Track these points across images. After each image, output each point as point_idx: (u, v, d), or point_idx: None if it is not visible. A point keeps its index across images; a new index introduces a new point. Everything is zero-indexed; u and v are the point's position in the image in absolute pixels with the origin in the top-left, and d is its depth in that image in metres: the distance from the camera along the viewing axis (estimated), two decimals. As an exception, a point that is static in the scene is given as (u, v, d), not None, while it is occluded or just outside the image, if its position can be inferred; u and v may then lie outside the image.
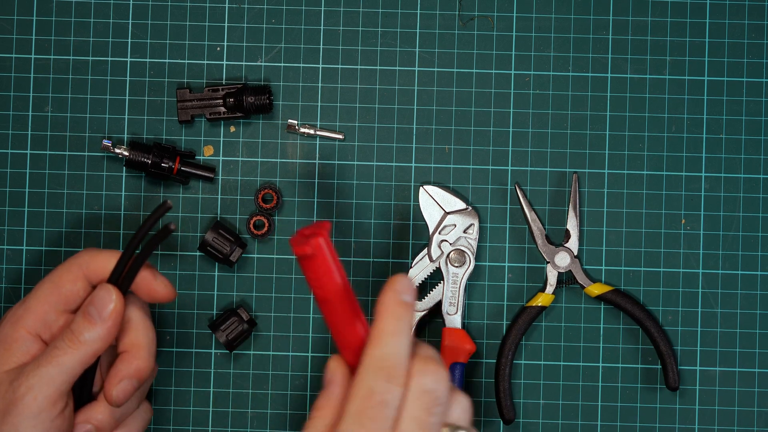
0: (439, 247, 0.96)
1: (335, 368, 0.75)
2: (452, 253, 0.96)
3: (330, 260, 0.74)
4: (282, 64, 0.99)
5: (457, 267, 0.96)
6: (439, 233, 0.96)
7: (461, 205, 0.97)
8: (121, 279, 0.83)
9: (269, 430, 0.98)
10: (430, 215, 0.96)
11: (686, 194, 0.98)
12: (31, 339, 0.83)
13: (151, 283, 0.84)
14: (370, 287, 0.98)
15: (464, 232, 0.96)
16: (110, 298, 0.82)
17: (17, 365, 0.82)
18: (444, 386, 0.73)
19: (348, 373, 0.74)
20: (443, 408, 0.73)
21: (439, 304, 0.96)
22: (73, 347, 0.81)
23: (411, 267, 0.96)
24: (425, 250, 0.96)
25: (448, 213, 0.96)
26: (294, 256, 0.98)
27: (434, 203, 0.96)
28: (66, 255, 0.98)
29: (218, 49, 0.99)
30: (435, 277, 0.97)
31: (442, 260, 0.96)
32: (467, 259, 0.96)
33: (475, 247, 0.96)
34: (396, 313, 0.74)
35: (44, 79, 0.98)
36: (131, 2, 0.99)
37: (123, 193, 0.98)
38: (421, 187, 0.96)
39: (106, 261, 0.84)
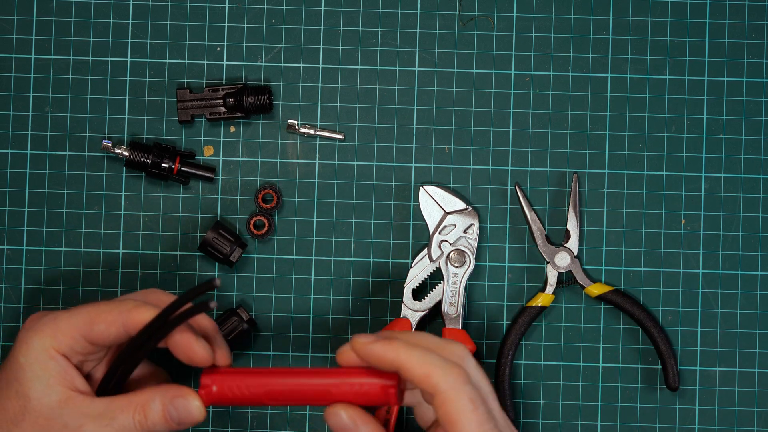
0: (439, 247, 0.96)
1: (353, 416, 0.78)
2: (452, 253, 0.96)
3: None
4: (282, 64, 0.99)
5: (457, 267, 0.96)
6: (439, 233, 0.96)
7: (461, 205, 0.97)
8: (152, 336, 0.80)
9: (269, 430, 0.97)
10: (430, 215, 0.96)
11: (686, 194, 0.98)
12: (61, 359, 0.81)
13: (192, 344, 0.81)
14: (370, 287, 0.98)
15: (464, 232, 0.96)
16: (197, 414, 0.80)
17: (59, 390, 0.80)
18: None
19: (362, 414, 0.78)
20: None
21: (438, 304, 0.96)
22: (139, 429, 0.80)
23: (411, 267, 0.96)
24: (425, 250, 0.96)
25: (448, 213, 0.96)
26: (294, 256, 0.98)
27: (434, 203, 0.96)
28: (66, 255, 0.98)
29: (218, 49, 0.99)
30: (435, 277, 0.97)
31: (442, 260, 0.96)
32: (467, 259, 0.96)
33: (475, 247, 0.96)
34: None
35: (44, 79, 0.98)
36: (131, 2, 0.99)
37: (123, 193, 0.98)
38: (421, 187, 0.96)
39: (147, 315, 0.80)
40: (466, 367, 0.76)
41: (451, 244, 0.96)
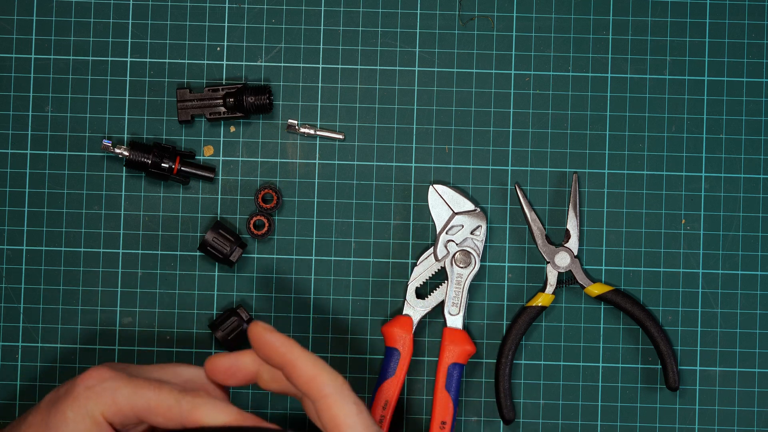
0: (445, 247, 0.96)
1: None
2: (458, 253, 0.96)
3: None
4: (282, 64, 0.99)
5: (462, 268, 0.96)
6: (446, 233, 0.96)
7: (470, 206, 0.96)
8: None
9: (269, 430, 0.97)
10: (438, 214, 0.96)
11: (686, 194, 0.98)
12: (107, 428, 0.78)
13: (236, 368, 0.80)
14: (370, 287, 0.98)
15: (471, 233, 0.96)
16: None
17: None
18: None
19: None
20: None
21: (440, 303, 0.96)
22: None
23: (416, 265, 0.96)
24: (431, 249, 0.96)
25: (457, 213, 0.96)
26: (294, 257, 0.98)
27: (443, 202, 0.96)
28: (66, 255, 0.97)
29: (218, 49, 0.99)
30: (437, 277, 0.97)
31: (448, 260, 0.96)
32: (473, 260, 0.96)
33: (481, 249, 0.96)
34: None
35: (44, 79, 0.98)
36: (131, 2, 0.99)
37: (123, 193, 0.98)
38: (430, 186, 0.96)
39: (209, 419, 0.77)
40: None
41: (457, 244, 0.96)
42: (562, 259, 0.96)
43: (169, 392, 0.77)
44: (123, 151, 0.96)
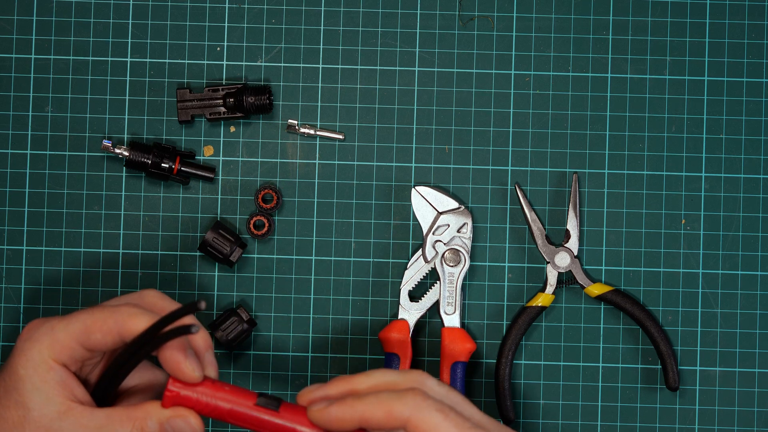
0: (434, 247, 0.96)
1: None
2: (447, 252, 0.96)
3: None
4: (282, 64, 0.99)
5: (452, 266, 0.96)
6: (433, 233, 0.96)
7: (454, 204, 0.96)
8: (143, 347, 0.79)
9: (269, 430, 0.97)
10: (423, 216, 0.96)
11: (686, 194, 0.98)
12: (61, 369, 0.80)
13: (180, 363, 0.79)
14: (371, 287, 0.98)
15: (458, 231, 0.96)
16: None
17: (59, 401, 0.79)
18: None
19: None
20: None
21: (436, 304, 0.96)
22: None
23: (407, 268, 0.96)
24: (419, 251, 0.96)
25: (441, 213, 0.96)
26: (294, 257, 0.98)
27: (427, 204, 0.96)
28: (66, 255, 0.98)
29: (218, 49, 0.99)
30: (431, 278, 0.97)
31: (438, 260, 0.96)
32: (462, 258, 0.96)
33: (469, 246, 0.96)
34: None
35: (44, 79, 0.98)
36: (131, 2, 0.99)
37: (123, 193, 0.98)
38: (413, 189, 0.96)
39: (142, 324, 0.79)
40: (424, 387, 0.76)
41: (445, 243, 0.96)
42: (562, 259, 0.96)
43: (100, 309, 0.80)
44: (123, 151, 0.96)
